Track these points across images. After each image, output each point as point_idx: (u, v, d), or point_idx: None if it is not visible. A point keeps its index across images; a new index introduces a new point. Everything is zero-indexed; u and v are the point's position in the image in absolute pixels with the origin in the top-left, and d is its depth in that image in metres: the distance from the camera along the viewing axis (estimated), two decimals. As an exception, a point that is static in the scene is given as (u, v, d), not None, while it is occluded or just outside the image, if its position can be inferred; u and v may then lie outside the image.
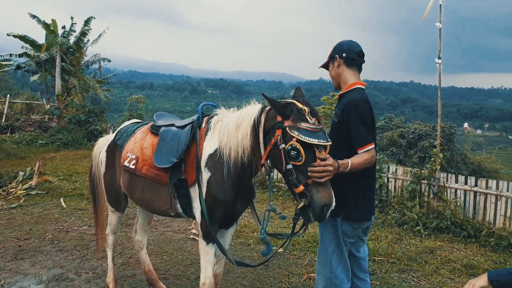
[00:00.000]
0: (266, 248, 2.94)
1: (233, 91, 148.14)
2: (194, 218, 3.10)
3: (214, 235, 2.90)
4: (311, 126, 2.42)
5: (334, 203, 2.38)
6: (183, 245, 5.41)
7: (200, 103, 3.36)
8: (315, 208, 2.36)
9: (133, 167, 3.26)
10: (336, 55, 2.92)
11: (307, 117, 2.46)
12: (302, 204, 2.41)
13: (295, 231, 2.78)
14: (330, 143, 2.46)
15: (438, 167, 6.63)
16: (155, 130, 3.33)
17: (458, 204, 6.36)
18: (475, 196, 6.33)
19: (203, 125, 3.08)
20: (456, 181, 6.53)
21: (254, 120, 2.69)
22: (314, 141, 2.39)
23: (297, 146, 2.38)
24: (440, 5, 6.40)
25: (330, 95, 25.37)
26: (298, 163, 2.40)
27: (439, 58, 6.57)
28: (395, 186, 7.24)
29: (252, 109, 2.78)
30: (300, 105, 2.50)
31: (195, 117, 3.19)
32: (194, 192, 2.98)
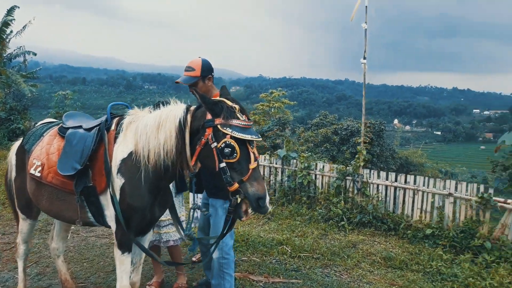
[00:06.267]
0: (192, 244, 2.95)
1: (171, 87, 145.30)
2: (107, 226, 2.96)
3: (134, 242, 2.80)
4: (242, 123, 2.43)
5: (267, 196, 2.42)
6: (106, 250, 5.19)
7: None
8: (251, 201, 2.39)
9: (38, 174, 3.02)
10: (210, 75, 3.45)
11: (238, 114, 2.46)
12: (239, 200, 2.45)
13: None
14: (261, 138, 2.53)
15: (362, 164, 6.91)
16: (62, 133, 3.09)
17: (380, 199, 6.68)
18: (395, 191, 6.68)
19: (113, 127, 2.90)
20: (378, 177, 6.85)
21: (180, 120, 2.57)
22: (248, 137, 2.41)
23: (232, 143, 2.37)
24: (366, 6, 6.67)
25: (269, 92, 25.65)
26: (232, 160, 2.39)
27: (364, 58, 6.85)
28: (322, 183, 7.46)
29: (175, 109, 2.65)
30: (229, 103, 2.49)
31: (103, 118, 3.00)
32: (105, 199, 2.83)
